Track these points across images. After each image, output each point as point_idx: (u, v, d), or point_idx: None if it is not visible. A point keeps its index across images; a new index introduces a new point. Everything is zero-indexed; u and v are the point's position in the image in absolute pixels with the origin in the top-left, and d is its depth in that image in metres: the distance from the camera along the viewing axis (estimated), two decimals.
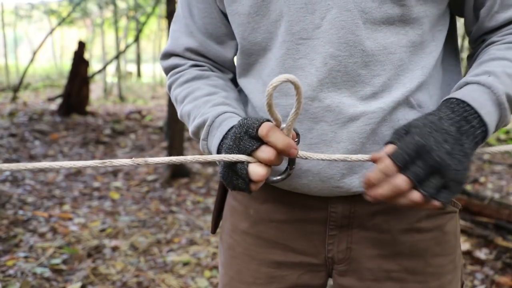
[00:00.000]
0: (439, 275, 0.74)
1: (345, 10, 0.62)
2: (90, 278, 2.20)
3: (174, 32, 0.81)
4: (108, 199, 3.47)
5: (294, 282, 0.78)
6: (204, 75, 0.78)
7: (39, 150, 4.87)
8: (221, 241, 0.87)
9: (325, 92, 0.65)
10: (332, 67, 0.64)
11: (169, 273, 2.32)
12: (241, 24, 0.71)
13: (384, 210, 0.72)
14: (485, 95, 0.59)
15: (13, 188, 3.53)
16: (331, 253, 0.75)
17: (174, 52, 0.81)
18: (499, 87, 0.59)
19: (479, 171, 4.66)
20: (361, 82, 0.65)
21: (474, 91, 0.60)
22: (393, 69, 0.65)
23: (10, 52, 21.41)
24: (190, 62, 0.80)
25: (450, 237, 0.75)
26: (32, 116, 6.57)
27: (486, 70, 0.62)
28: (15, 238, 2.59)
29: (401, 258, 0.73)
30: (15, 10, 14.75)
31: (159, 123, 7.12)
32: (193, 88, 0.76)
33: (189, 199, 3.55)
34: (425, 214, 0.73)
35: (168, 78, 0.82)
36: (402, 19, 0.63)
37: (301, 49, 0.65)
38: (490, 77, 0.60)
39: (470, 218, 2.94)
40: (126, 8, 12.49)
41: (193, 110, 0.73)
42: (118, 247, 2.58)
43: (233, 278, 0.82)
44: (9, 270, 2.21)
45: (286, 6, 0.65)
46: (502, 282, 2.26)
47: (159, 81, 17.23)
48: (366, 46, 0.63)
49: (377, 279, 0.74)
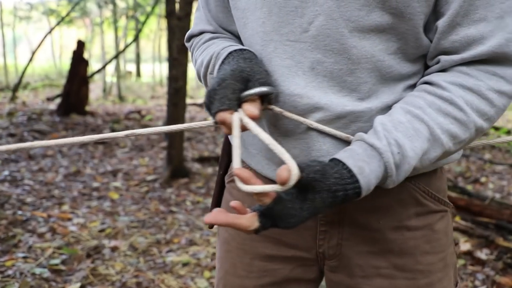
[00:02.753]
0: (429, 272, 0.75)
1: (330, 19, 0.62)
2: (89, 279, 2.19)
3: (196, 19, 0.86)
4: (108, 199, 3.46)
5: (286, 276, 0.79)
6: (221, 36, 0.81)
7: (38, 149, 4.85)
8: (218, 236, 0.89)
9: (313, 92, 0.66)
10: (318, 72, 0.65)
11: (168, 273, 2.31)
12: (238, 19, 0.73)
13: (374, 207, 0.73)
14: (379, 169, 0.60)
15: (12, 188, 3.52)
16: (322, 248, 0.76)
17: (193, 34, 0.86)
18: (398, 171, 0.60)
19: (480, 171, 4.66)
20: (347, 88, 0.65)
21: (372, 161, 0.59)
22: (380, 76, 0.65)
23: (9, 51, 21.39)
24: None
25: (440, 236, 0.76)
26: (31, 116, 6.55)
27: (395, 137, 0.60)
28: (14, 239, 2.58)
29: (391, 255, 0.74)
30: (14, 11, 14.72)
31: (158, 123, 7.11)
32: (209, 44, 0.79)
33: (188, 199, 3.54)
34: (415, 212, 0.74)
35: (190, 46, 0.87)
36: (393, 26, 0.62)
37: (287, 50, 0.66)
38: (397, 155, 0.59)
39: (471, 218, 2.94)
40: (126, 8, 12.49)
41: (205, 57, 0.75)
42: (118, 247, 2.57)
43: (227, 271, 0.84)
44: (8, 271, 2.19)
45: (277, 7, 0.65)
46: (503, 282, 2.25)
47: (159, 81, 17.23)
48: (352, 54, 0.63)
49: (366, 275, 0.75)
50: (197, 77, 0.80)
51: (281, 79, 0.67)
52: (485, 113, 0.62)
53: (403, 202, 0.73)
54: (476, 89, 0.61)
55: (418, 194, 0.74)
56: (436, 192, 0.76)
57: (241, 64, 0.64)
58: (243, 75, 0.63)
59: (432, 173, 0.75)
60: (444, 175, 0.81)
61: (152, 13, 10.00)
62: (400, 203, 0.73)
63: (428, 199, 0.75)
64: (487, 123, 0.63)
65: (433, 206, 0.75)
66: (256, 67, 0.64)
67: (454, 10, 0.60)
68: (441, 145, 0.61)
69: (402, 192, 0.73)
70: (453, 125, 0.61)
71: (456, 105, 0.61)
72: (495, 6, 0.59)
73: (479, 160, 5.08)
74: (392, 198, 0.73)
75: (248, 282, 0.81)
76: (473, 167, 4.82)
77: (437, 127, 0.60)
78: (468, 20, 0.60)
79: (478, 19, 0.60)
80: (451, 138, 0.61)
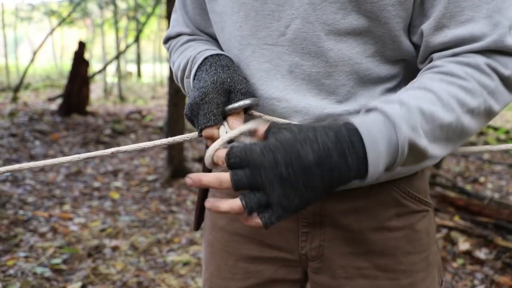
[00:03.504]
0: (411, 272, 0.75)
1: (307, 22, 0.63)
2: (90, 278, 2.20)
3: (173, 21, 0.86)
4: (108, 199, 3.48)
5: (270, 277, 0.79)
6: (198, 38, 0.82)
7: (39, 150, 4.87)
8: (204, 238, 0.90)
9: (291, 95, 0.66)
10: (297, 75, 0.65)
11: (169, 273, 2.32)
12: (215, 23, 0.73)
13: (355, 208, 0.73)
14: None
15: (13, 188, 3.53)
16: (304, 250, 0.76)
17: (171, 36, 0.86)
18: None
19: (479, 171, 4.66)
20: (325, 91, 0.65)
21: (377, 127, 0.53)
22: (358, 78, 0.65)
23: (11, 52, 21.42)
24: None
25: (421, 235, 0.76)
26: (32, 116, 6.57)
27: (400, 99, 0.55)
28: (15, 238, 2.59)
29: (373, 256, 0.74)
30: (16, 12, 14.75)
31: (159, 123, 7.12)
32: (186, 46, 0.79)
33: (189, 199, 3.55)
34: (395, 212, 0.74)
35: (168, 48, 0.87)
36: (369, 29, 0.63)
37: (265, 53, 0.66)
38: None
39: (470, 218, 2.95)
40: (126, 8, 12.50)
41: (182, 60, 0.75)
42: (118, 247, 2.58)
43: (212, 274, 0.85)
44: (10, 270, 2.21)
45: (254, 11, 0.65)
46: (502, 282, 2.26)
47: (159, 81, 17.24)
48: (329, 57, 0.63)
49: (349, 276, 0.75)
50: (175, 80, 0.81)
51: (259, 83, 0.67)
52: (487, 86, 0.58)
53: (383, 203, 0.73)
54: (474, 63, 0.59)
55: (398, 194, 0.74)
56: (417, 192, 0.76)
57: (220, 74, 0.64)
58: (224, 87, 0.63)
59: (413, 174, 0.75)
60: (426, 176, 0.80)
61: (152, 14, 10.01)
62: (380, 204, 0.73)
63: (408, 199, 0.75)
64: (492, 97, 0.59)
65: (413, 206, 0.75)
66: (236, 76, 0.65)
67: (440, 12, 0.60)
68: (451, 110, 0.56)
69: (382, 193, 0.73)
70: (460, 92, 0.57)
71: (457, 75, 0.58)
72: (481, 7, 0.58)
73: (478, 160, 5.08)
74: (372, 199, 0.73)
75: (233, 284, 0.81)
76: (472, 167, 4.82)
77: (443, 92, 0.56)
78: (455, 22, 0.60)
79: (466, 20, 0.59)
80: (459, 104, 0.56)
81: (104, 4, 12.01)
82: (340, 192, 0.71)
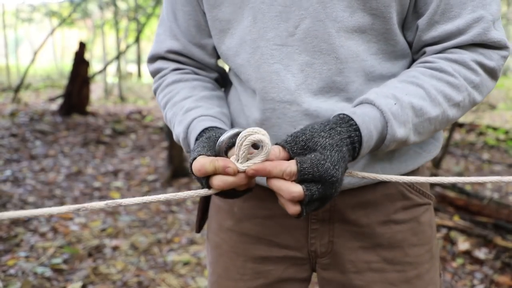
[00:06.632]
0: (417, 264, 0.77)
1: (317, 20, 0.64)
2: (91, 278, 2.21)
3: (159, 36, 0.82)
4: (109, 199, 3.47)
5: (279, 276, 0.80)
6: (183, 78, 0.79)
7: (40, 150, 4.88)
8: (208, 241, 0.89)
9: (303, 97, 0.67)
10: (308, 74, 0.67)
11: (169, 272, 2.33)
12: (220, 30, 0.73)
13: (363, 203, 0.75)
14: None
15: (14, 188, 3.54)
16: (314, 246, 0.77)
17: (158, 54, 0.82)
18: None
19: (479, 171, 4.66)
20: (336, 88, 0.67)
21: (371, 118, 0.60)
22: (365, 75, 0.68)
23: (11, 52, 21.43)
24: (173, 66, 0.81)
25: (425, 228, 0.79)
26: (33, 116, 6.58)
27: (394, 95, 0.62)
28: (16, 238, 2.60)
29: (380, 249, 0.76)
30: (16, 13, 14.75)
31: (159, 123, 7.13)
32: (173, 93, 0.77)
33: (189, 199, 3.56)
34: (401, 206, 0.76)
35: (154, 83, 0.83)
36: (373, 27, 0.66)
37: (275, 54, 0.67)
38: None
39: (470, 218, 2.95)
40: (127, 9, 12.50)
41: (172, 118, 0.74)
42: (119, 246, 2.59)
43: (220, 275, 0.84)
44: (10, 270, 2.22)
45: (261, 14, 0.66)
46: (501, 281, 2.27)
47: None
48: (339, 53, 0.66)
49: (358, 271, 0.76)
50: (167, 124, 0.79)
51: (270, 86, 0.68)
52: (472, 81, 0.66)
53: (390, 196, 0.75)
54: (461, 60, 0.66)
55: (404, 188, 0.76)
56: (420, 185, 0.78)
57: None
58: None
59: (416, 169, 0.78)
60: (426, 172, 0.84)
61: (153, 14, 10.01)
62: (387, 197, 0.75)
63: (413, 192, 0.77)
64: (475, 90, 0.67)
65: (418, 199, 0.78)
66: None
67: (432, 9, 0.66)
68: (438, 104, 0.63)
69: (389, 187, 0.75)
70: (447, 87, 0.64)
71: (446, 71, 0.65)
72: (467, 4, 0.65)
73: (478, 160, 5.09)
74: (379, 193, 0.75)
75: (241, 285, 0.82)
76: (471, 167, 4.83)
77: (432, 88, 0.63)
78: (445, 18, 0.66)
79: (453, 16, 0.66)
80: (446, 99, 0.64)
81: (104, 5, 12.02)
82: (350, 188, 0.73)
